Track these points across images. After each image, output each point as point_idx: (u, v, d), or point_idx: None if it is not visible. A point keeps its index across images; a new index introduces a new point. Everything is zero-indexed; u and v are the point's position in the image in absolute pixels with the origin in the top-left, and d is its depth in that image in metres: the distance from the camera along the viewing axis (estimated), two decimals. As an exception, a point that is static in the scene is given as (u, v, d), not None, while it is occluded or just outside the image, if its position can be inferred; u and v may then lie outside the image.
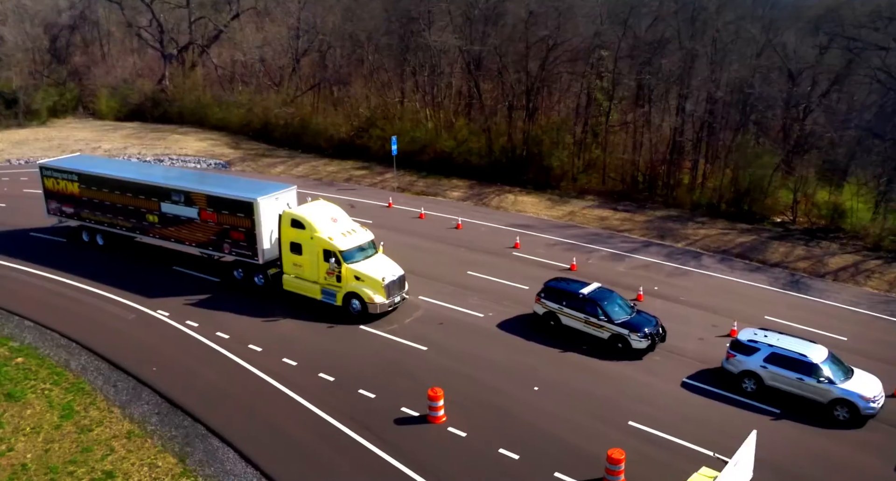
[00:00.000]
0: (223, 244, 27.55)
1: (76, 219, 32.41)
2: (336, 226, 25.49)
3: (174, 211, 28.59)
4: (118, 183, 30.09)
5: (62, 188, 32.31)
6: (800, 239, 34.34)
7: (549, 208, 38.80)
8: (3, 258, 30.11)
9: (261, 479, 16.45)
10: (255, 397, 19.70)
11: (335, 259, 24.68)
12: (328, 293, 25.21)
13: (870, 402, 18.42)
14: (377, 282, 24.24)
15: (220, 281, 27.71)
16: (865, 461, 17.34)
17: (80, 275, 28.04)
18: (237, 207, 26.73)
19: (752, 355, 19.74)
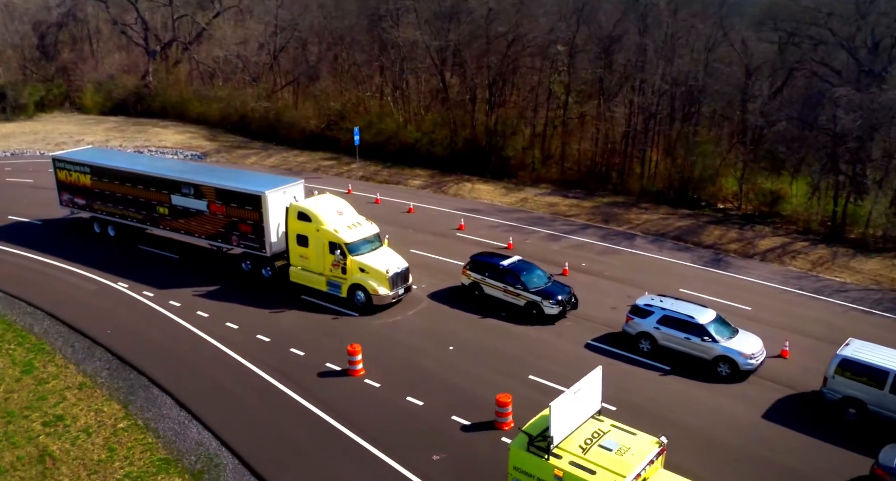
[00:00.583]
0: (232, 236, 27.94)
1: (88, 211, 32.86)
2: (342, 219, 25.92)
3: (184, 203, 28.91)
4: (130, 175, 30.46)
5: (74, 180, 32.73)
6: (737, 223, 36.37)
7: (504, 195, 40.85)
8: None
9: (192, 420, 18.58)
10: (195, 355, 21.86)
11: (340, 251, 25.02)
12: (334, 285, 25.53)
13: (749, 359, 20.47)
14: (382, 274, 24.60)
15: (178, 257, 29.85)
16: (738, 409, 19.39)
17: (49, 253, 30.20)
18: (246, 200, 27.06)
19: (647, 318, 21.81)
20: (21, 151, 49.93)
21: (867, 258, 31.88)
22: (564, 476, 13.46)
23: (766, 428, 18.51)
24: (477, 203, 39.07)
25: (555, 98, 46.90)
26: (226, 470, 16.75)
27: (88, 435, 18.28)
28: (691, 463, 16.26)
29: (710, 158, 40.27)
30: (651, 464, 13.73)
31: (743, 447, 17.67)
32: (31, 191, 39.43)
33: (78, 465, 17.16)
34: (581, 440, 14.10)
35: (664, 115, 42.98)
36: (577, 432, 14.30)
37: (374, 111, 50.07)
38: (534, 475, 13.96)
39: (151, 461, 17.24)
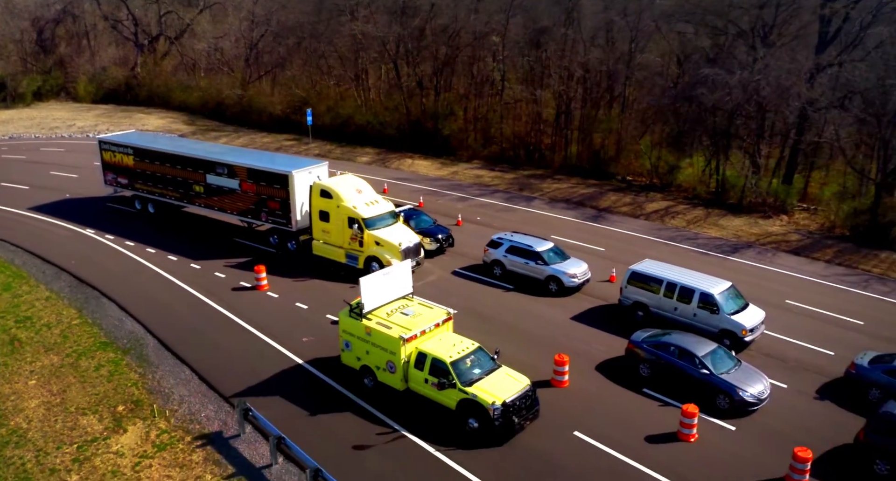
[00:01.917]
0: (261, 213, 29.94)
1: (130, 189, 35.25)
2: (361, 197, 27.79)
3: (218, 182, 30.87)
4: (169, 156, 32.50)
5: (118, 161, 35.02)
6: (635, 191, 41.55)
7: (438, 169, 46.19)
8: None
9: (128, 318, 24.20)
10: (139, 276, 27.54)
11: (358, 225, 26.93)
12: (351, 257, 27.53)
13: (572, 278, 25.79)
14: (395, 247, 26.48)
15: (139, 210, 35.40)
16: (556, 314, 24.73)
17: (32, 209, 35.95)
18: (274, 179, 28.93)
19: (498, 248, 27.16)
20: (18, 135, 55.75)
21: (735, 217, 37.05)
22: (371, 331, 18.85)
23: (571, 326, 23.85)
24: (411, 174, 44.44)
25: (493, 84, 52.23)
26: (147, 347, 22.30)
27: (49, 328, 23.87)
28: (510, 348, 21.44)
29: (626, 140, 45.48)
30: (437, 326, 19.08)
31: (549, 337, 22.96)
32: (24, 165, 45.34)
33: (38, 346, 22.74)
34: (389, 309, 19.53)
35: (582, 98, 48.20)
36: (388, 305, 19.72)
37: (334, 97, 55.53)
38: (353, 333, 19.39)
39: (94, 343, 22.80)
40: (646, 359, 20.35)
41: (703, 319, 22.44)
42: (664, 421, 18.46)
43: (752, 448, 17.57)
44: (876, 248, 32.80)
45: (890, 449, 16.46)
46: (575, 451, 17.36)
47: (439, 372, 17.84)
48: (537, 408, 18.05)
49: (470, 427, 17.53)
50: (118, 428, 18.53)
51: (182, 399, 19.66)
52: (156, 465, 17.13)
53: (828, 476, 16.70)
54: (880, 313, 25.71)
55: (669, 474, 16.54)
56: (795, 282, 28.51)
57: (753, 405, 18.83)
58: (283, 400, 19.27)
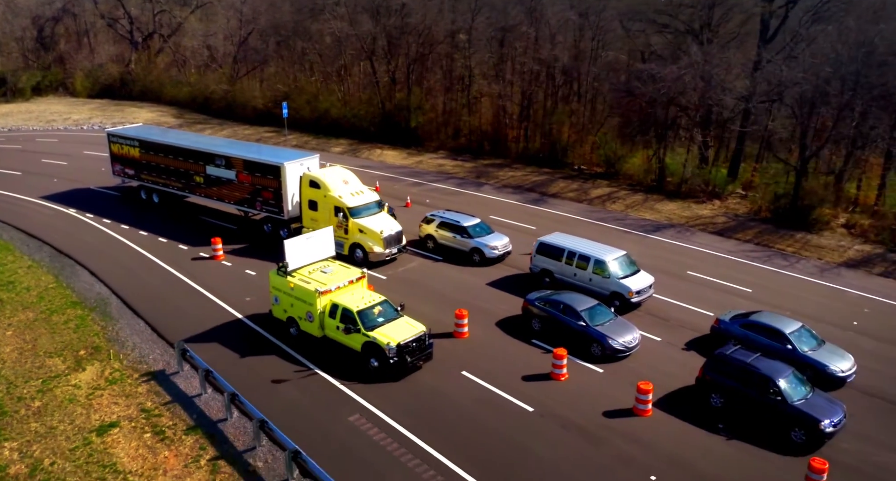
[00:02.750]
0: (256, 202, 31.63)
1: (136, 180, 37.07)
2: (347, 187, 29.38)
3: (217, 173, 32.63)
4: (172, 148, 34.37)
5: (125, 153, 36.87)
6: (583, 179, 44.47)
7: (404, 159, 49.30)
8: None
9: (98, 282, 27.51)
10: (111, 248, 30.90)
11: (343, 214, 28.59)
12: (338, 244, 28.53)
13: (493, 250, 28.88)
14: (377, 235, 28.18)
15: (119, 195, 38.71)
16: (474, 281, 27.85)
17: (21, 192, 39.34)
18: (268, 170, 30.58)
19: (430, 224, 30.25)
20: (17, 127, 59.28)
21: (670, 202, 40.00)
22: (294, 286, 22.00)
23: (484, 290, 26.96)
24: (378, 163, 47.58)
25: (460, 79, 55.23)
26: (111, 306, 25.59)
27: (28, 291, 27.20)
28: (427, 307, 24.64)
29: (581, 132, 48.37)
30: (351, 283, 22.18)
31: (463, 299, 26.02)
32: (19, 154, 48.88)
33: (17, 305, 26.07)
34: (311, 269, 22.71)
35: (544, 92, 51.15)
36: (312, 265, 22.89)
37: (312, 91, 58.71)
38: (280, 289, 22.58)
39: (66, 302, 26.11)
40: (537, 315, 23.40)
41: (597, 283, 25.46)
42: (543, 366, 21.50)
43: (613, 386, 20.58)
44: (793, 230, 35.67)
45: (722, 384, 19.44)
46: (460, 387, 20.44)
47: (348, 320, 20.97)
48: (430, 351, 21.18)
49: (371, 365, 20.65)
50: (78, 368, 21.78)
51: (135, 345, 22.89)
52: (106, 395, 20.37)
53: (673, 407, 19.71)
54: (770, 283, 28.64)
55: (534, 404, 19.60)
56: (703, 256, 31.46)
57: (622, 352, 21.84)
58: (220, 346, 22.47)
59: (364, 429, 18.42)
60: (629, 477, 16.92)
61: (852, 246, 34.11)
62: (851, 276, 30.07)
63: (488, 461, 17.32)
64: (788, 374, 18.94)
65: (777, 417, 18.47)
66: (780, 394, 18.42)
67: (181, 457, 17.74)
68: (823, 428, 17.88)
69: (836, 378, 20.76)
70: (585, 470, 17.11)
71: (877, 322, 25.54)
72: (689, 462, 17.47)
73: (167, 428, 18.86)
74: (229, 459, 17.59)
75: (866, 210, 38.98)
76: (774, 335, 21.70)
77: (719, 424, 18.96)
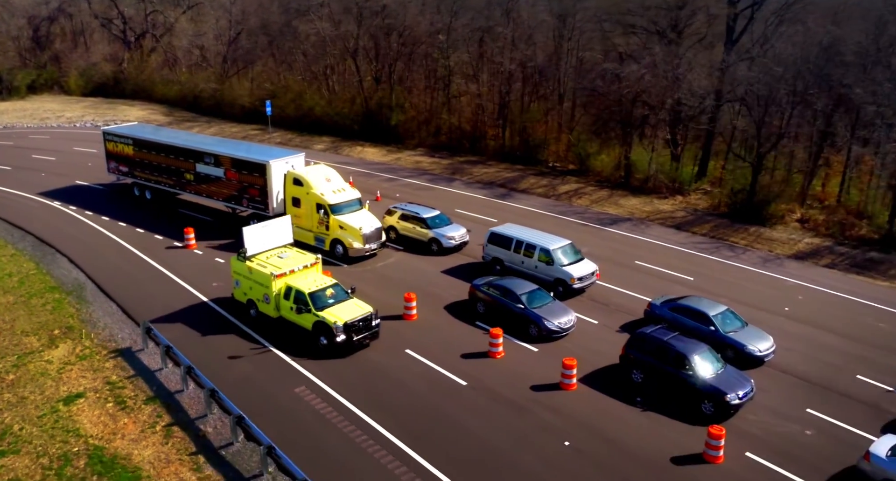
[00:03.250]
0: (243, 199, 32.66)
1: (130, 177, 37.94)
2: (329, 185, 30.37)
3: (206, 171, 33.56)
4: (163, 146, 35.34)
5: (120, 150, 37.78)
6: (554, 176, 46.01)
7: (384, 155, 50.89)
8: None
9: (76, 269, 29.23)
10: (91, 238, 32.61)
11: (324, 211, 29.64)
12: (319, 239, 30.24)
13: (450, 240, 30.51)
14: (356, 231, 29.23)
15: (103, 188, 40.36)
16: (429, 268, 29.52)
17: (10, 186, 41.02)
18: (254, 168, 31.58)
19: (393, 216, 31.85)
20: (11, 125, 61.00)
21: (634, 197, 41.53)
22: (252, 270, 23.63)
23: (439, 277, 28.62)
24: (358, 160, 49.20)
25: (440, 79, 56.80)
26: (86, 290, 27.29)
27: (10, 277, 28.92)
28: (382, 292, 26.32)
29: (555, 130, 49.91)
30: (305, 267, 23.78)
31: (417, 285, 27.59)
32: (10, 150, 50.66)
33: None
34: (269, 254, 24.33)
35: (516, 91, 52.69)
36: (270, 251, 24.51)
37: (297, 90, 60.35)
38: (240, 273, 24.23)
39: (44, 287, 27.80)
40: (481, 299, 24.99)
41: (542, 270, 27.03)
42: (483, 345, 23.06)
43: (546, 364, 22.15)
44: (748, 223, 37.21)
45: (642, 361, 21.00)
46: (402, 363, 22.05)
47: (300, 301, 22.59)
48: (377, 330, 22.78)
49: (321, 343, 22.27)
50: (52, 346, 23.43)
51: (106, 325, 24.54)
52: (75, 369, 22.01)
53: (597, 383, 21.28)
54: (713, 273, 30.20)
55: (469, 379, 21.20)
56: (653, 247, 33.02)
57: (557, 333, 23.42)
58: (184, 326, 24.12)
59: (308, 399, 20.04)
60: (546, 442, 18.51)
61: (802, 239, 35.63)
62: (794, 267, 31.61)
63: (418, 428, 18.91)
64: (701, 351, 20.49)
65: (689, 390, 20.03)
66: (693, 370, 19.98)
67: (139, 424, 19.37)
68: (729, 400, 19.43)
69: (754, 357, 22.31)
70: (506, 436, 18.69)
71: (807, 308, 27.09)
72: (602, 429, 19.04)
73: (129, 398, 20.50)
74: (182, 425, 19.23)
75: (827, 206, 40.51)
76: (699, 317, 23.26)
77: (637, 398, 20.53)
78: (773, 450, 18.47)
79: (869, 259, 33.16)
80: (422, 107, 57.44)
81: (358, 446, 18.13)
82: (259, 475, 17.23)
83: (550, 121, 51.24)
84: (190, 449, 18.29)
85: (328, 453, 17.91)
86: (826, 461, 18.13)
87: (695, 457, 18.03)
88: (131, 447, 18.45)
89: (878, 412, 20.36)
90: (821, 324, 25.70)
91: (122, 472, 17.54)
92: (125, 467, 17.72)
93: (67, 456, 18.16)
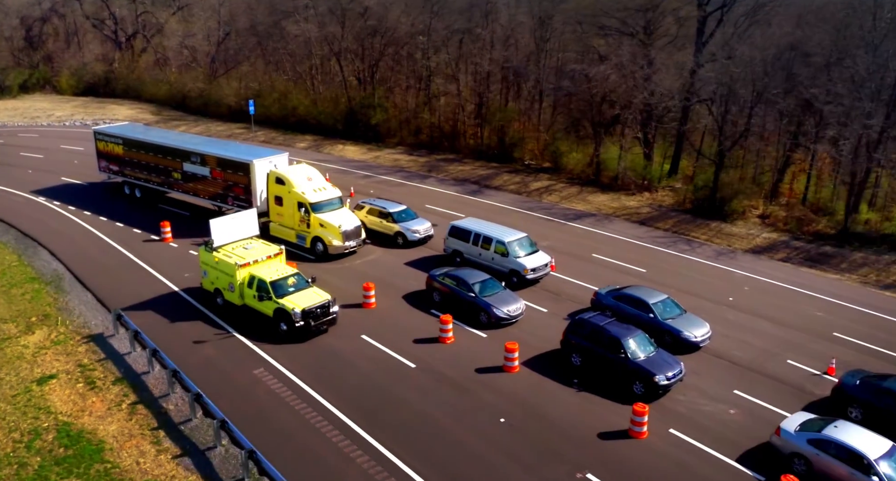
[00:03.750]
0: (228, 197, 33.54)
1: (120, 176, 38.85)
2: (310, 184, 31.16)
3: (193, 169, 34.46)
4: (151, 146, 36.29)
5: (110, 150, 38.68)
6: (527, 173, 47.34)
7: (364, 153, 52.23)
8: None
9: (55, 261, 30.55)
10: (71, 231, 34.02)
11: (305, 209, 30.52)
12: (300, 237, 31.17)
13: (414, 233, 31.91)
14: (336, 229, 30.06)
15: (87, 185, 41.67)
16: (393, 260, 30.92)
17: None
18: (238, 167, 32.40)
19: (361, 210, 33.22)
20: (2, 123, 62.26)
21: (602, 194, 42.90)
22: (218, 260, 24.98)
23: (401, 268, 30.00)
24: (338, 158, 50.55)
25: (421, 79, 58.13)
26: (65, 281, 28.67)
27: (-8, 268, 30.32)
28: (343, 282, 27.65)
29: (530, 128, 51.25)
30: (269, 258, 25.14)
31: (379, 275, 28.97)
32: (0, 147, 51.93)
33: (-19, 280, 29.19)
34: (235, 245, 25.68)
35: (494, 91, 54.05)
36: (237, 243, 25.84)
37: (282, 90, 61.68)
38: (208, 263, 25.59)
39: (25, 278, 29.20)
40: (437, 288, 26.36)
41: (498, 261, 28.40)
42: (435, 331, 24.41)
43: (493, 348, 23.50)
44: (710, 219, 38.58)
45: (580, 345, 22.34)
46: (356, 347, 23.43)
47: (262, 290, 23.94)
48: (335, 317, 24.14)
49: (281, 329, 23.63)
50: (29, 332, 24.79)
51: (80, 313, 25.91)
52: (50, 353, 23.37)
53: (539, 366, 22.64)
54: (666, 265, 31.57)
55: (418, 361, 22.58)
56: (612, 241, 34.38)
57: (506, 320, 24.78)
58: (154, 313, 25.49)
59: (265, 380, 21.40)
60: (483, 418, 19.87)
61: (761, 234, 37.02)
62: (747, 260, 32.98)
63: (365, 405, 20.27)
64: (634, 336, 21.86)
65: (622, 372, 21.39)
66: (625, 352, 21.34)
67: (106, 402, 20.73)
68: (658, 381, 20.79)
69: (689, 342, 23.67)
70: (446, 413, 20.05)
71: (751, 298, 28.46)
72: (537, 407, 20.41)
73: (98, 379, 21.86)
74: (146, 403, 20.60)
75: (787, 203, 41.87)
76: (640, 305, 24.62)
77: (574, 379, 21.90)
78: (696, 427, 19.86)
79: (823, 253, 34.56)
80: (403, 106, 58.82)
81: (307, 422, 19.51)
82: (213, 447, 18.62)
83: (527, 120, 52.61)
84: (152, 425, 19.66)
85: (278, 428, 19.26)
86: (744, 437, 19.50)
87: (621, 433, 19.41)
88: (97, 423, 19.82)
89: (802, 394, 21.75)
90: (761, 313, 27.10)
91: (87, 445, 18.90)
92: (90, 441, 19.08)
93: (38, 430, 19.53)
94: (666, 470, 18.12)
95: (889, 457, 17.32)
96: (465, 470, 17.79)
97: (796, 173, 46.12)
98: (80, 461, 18.32)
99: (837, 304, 28.26)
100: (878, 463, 17.07)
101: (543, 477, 17.62)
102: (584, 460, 18.30)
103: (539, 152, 51.72)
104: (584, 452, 18.63)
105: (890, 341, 25.12)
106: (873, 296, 29.57)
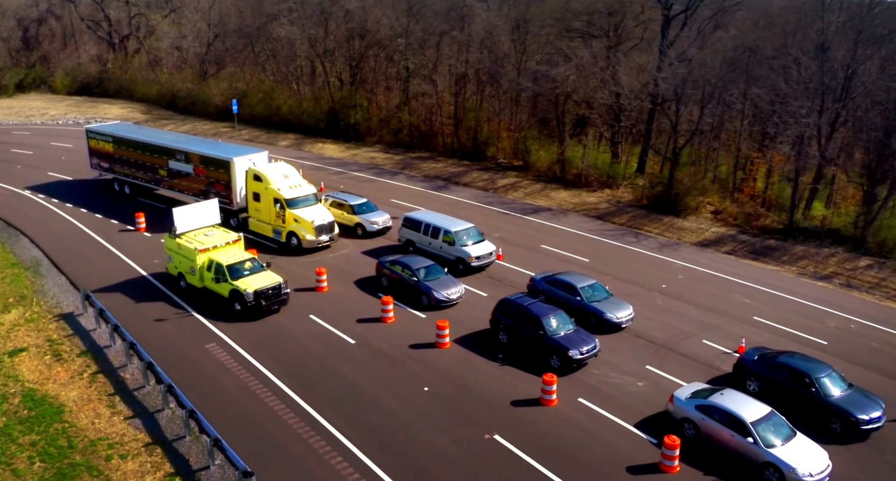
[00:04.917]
0: (210, 193, 34.62)
1: (111, 173, 40.49)
2: (286, 181, 32.52)
3: (178, 167, 35.97)
4: (139, 144, 37.84)
5: (101, 147, 40.19)
6: (496, 170, 49.30)
7: (342, 151, 54.31)
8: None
9: (35, 248, 32.77)
10: (52, 221, 36.26)
11: (281, 205, 31.89)
12: (277, 232, 32.54)
13: (373, 224, 34.04)
14: (309, 224, 31.47)
15: (71, 179, 43.82)
16: (351, 250, 32.91)
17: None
18: (219, 165, 33.82)
19: (325, 203, 35.24)
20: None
21: (565, 190, 44.85)
22: (180, 246, 27.07)
23: (357, 257, 32.07)
24: (316, 156, 52.63)
25: (400, 80, 60.21)
26: (42, 266, 30.83)
27: (-24, 255, 32.47)
28: (301, 269, 29.66)
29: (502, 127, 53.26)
30: (228, 244, 27.21)
31: (335, 264, 31.06)
32: (-7, 144, 54.32)
33: (-35, 265, 31.34)
34: (197, 233, 27.76)
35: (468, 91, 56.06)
36: (199, 230, 27.91)
37: (267, 90, 63.84)
38: (172, 249, 27.74)
39: (6, 264, 31.41)
40: (385, 274, 28.40)
41: (446, 250, 30.42)
42: (378, 312, 26.41)
43: (430, 328, 25.44)
44: (664, 214, 40.49)
45: (506, 324, 24.31)
46: (303, 326, 25.49)
47: (219, 272, 26.01)
48: (286, 298, 26.19)
49: (236, 309, 25.70)
50: (5, 311, 26.92)
51: (54, 294, 28.05)
52: (22, 330, 25.50)
53: (470, 343, 24.63)
54: (609, 256, 33.52)
55: (357, 338, 24.62)
56: (562, 233, 36.35)
57: (445, 302, 26.80)
58: (122, 295, 27.60)
59: (215, 353, 23.48)
60: (409, 387, 21.88)
61: (710, 228, 38.92)
62: (690, 252, 34.89)
63: (302, 375, 22.33)
64: (554, 314, 23.82)
65: (541, 348, 23.36)
66: (543, 329, 23.30)
67: (69, 372, 22.82)
68: (572, 355, 22.74)
69: (612, 323, 25.61)
70: (375, 382, 22.07)
71: (683, 286, 30.40)
72: (460, 378, 22.41)
73: (64, 352, 23.96)
74: (106, 373, 22.68)
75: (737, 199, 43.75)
76: (568, 289, 26.60)
77: (499, 355, 23.88)
78: (603, 397, 21.81)
79: (767, 246, 36.45)
80: (383, 106, 60.87)
81: (248, 388, 21.55)
82: (161, 410, 20.68)
83: (501, 120, 54.57)
84: (109, 391, 21.74)
85: (221, 394, 21.31)
86: (646, 406, 21.43)
87: (533, 401, 21.39)
88: (60, 389, 21.91)
89: (710, 370, 23.68)
90: (689, 299, 29.03)
91: (49, 408, 20.98)
92: (52, 404, 21.16)
93: (5, 395, 21.63)
94: (569, 433, 20.08)
95: (766, 421, 19.25)
96: (385, 430, 19.79)
97: (754, 171, 48.05)
98: (42, 421, 20.40)
99: (765, 292, 30.16)
100: (755, 426, 19.01)
101: (453, 437, 19.62)
102: (495, 423, 20.28)
103: (511, 151, 53.75)
104: (496, 417, 20.60)
105: (802, 323, 27.04)
106: (804, 285, 31.46)
